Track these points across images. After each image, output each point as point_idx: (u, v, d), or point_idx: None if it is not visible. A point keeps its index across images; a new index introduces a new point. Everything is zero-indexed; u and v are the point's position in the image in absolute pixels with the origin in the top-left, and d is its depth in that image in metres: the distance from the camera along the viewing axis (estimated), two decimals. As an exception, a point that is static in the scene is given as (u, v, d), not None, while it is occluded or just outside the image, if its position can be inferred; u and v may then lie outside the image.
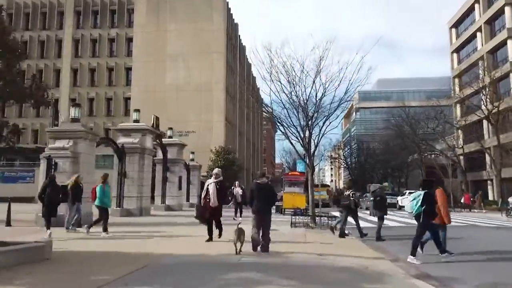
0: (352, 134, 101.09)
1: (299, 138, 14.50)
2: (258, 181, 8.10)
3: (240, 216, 15.88)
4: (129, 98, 42.40)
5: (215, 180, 9.29)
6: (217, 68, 41.66)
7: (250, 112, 61.36)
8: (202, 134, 40.35)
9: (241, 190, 16.94)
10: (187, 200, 29.04)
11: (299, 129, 14.58)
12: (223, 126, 41.62)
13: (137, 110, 19.73)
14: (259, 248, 7.69)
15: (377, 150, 71.87)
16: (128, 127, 19.25)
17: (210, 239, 9.34)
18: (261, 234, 7.80)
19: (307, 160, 14.72)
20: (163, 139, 23.77)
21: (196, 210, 10.65)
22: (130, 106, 39.81)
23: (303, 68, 13.47)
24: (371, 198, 12.16)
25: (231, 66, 46.32)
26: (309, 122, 13.99)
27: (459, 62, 49.12)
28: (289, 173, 23.14)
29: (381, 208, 11.72)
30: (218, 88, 41.79)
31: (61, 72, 45.04)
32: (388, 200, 40.43)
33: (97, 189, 10.94)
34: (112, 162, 18.59)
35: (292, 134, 14.62)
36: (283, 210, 22.07)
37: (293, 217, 13.68)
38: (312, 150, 14.44)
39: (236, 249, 7.31)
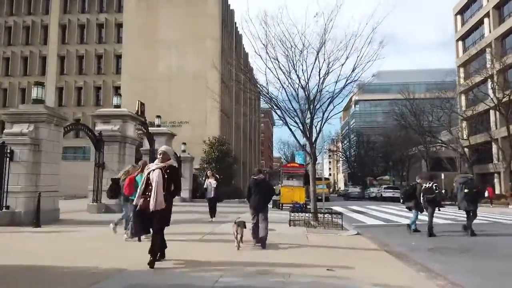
0: (351, 127, 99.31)
1: (299, 124, 12.52)
2: (255, 177, 8.22)
3: (214, 216, 12.99)
4: (119, 87, 40.22)
5: (162, 165, 5.82)
6: (212, 55, 39.42)
7: (247, 104, 59.31)
8: (196, 125, 38.33)
9: (215, 182, 13.01)
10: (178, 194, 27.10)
11: (299, 113, 12.63)
12: (218, 116, 39.56)
13: (119, 95, 17.70)
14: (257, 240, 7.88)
15: (378, 143, 70.17)
16: (107, 113, 17.21)
17: (152, 262, 5.65)
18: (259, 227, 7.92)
19: (308, 149, 12.76)
20: (150, 128, 21.77)
21: (134, 218, 6.48)
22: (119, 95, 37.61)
23: (305, 38, 11.43)
24: (466, 190, 10.38)
25: (227, 55, 44.13)
26: (311, 105, 11.98)
27: (465, 50, 47.11)
28: (288, 165, 21.20)
29: (474, 201, 10.59)
30: (213, 76, 39.58)
31: (47, 59, 42.74)
32: (390, 194, 39.13)
33: (137, 179, 8.00)
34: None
35: (291, 119, 12.63)
36: (280, 205, 20.20)
37: (292, 213, 11.77)
38: (314, 137, 12.47)
39: (237, 243, 7.35)
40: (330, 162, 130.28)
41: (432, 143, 42.28)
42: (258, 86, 12.64)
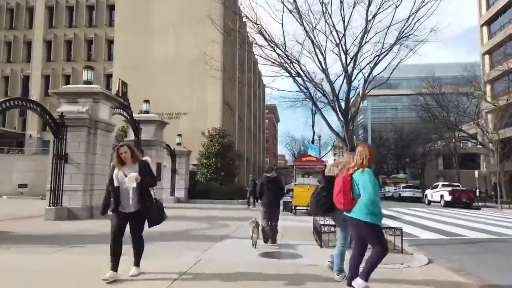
0: (359, 122, 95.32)
1: (328, 93, 8.65)
2: (268, 175, 8.04)
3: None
4: (111, 75, 36.46)
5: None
6: (213, 38, 35.53)
7: (251, 96, 55.47)
8: (195, 117, 34.49)
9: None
10: (172, 194, 23.33)
11: (324, 87, 8.81)
12: (219, 107, 35.73)
13: (89, 68, 13.87)
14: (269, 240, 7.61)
15: (389, 139, 66.25)
16: (73, 90, 13.38)
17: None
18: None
19: (342, 131, 8.91)
20: (136, 115, 17.99)
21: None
22: (112, 85, 33.90)
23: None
24: None
25: (230, 41, 40.24)
26: (349, 64, 8.13)
27: (490, 36, 42.97)
28: (303, 158, 17.24)
29: None
30: (214, 63, 35.70)
31: (33, 44, 38.99)
32: (410, 194, 35.17)
33: None
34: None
35: (317, 89, 8.80)
36: (293, 208, 16.37)
37: (319, 223, 7.87)
38: (352, 112, 8.66)
39: (253, 242, 7.11)
40: (335, 160, 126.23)
41: (460, 138, 38.14)
42: (272, 43, 8.74)
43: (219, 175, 26.01)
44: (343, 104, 8.88)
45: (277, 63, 9.05)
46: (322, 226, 7.60)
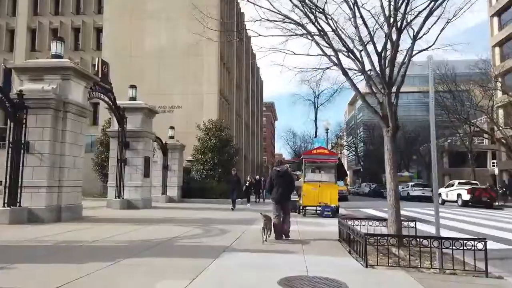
0: (358, 120, 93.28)
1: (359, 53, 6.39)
2: (277, 169, 7.95)
3: None
4: (100, 66, 33.90)
5: None
6: (209, 28, 33.16)
7: (249, 90, 53.14)
8: (190, 110, 32.10)
9: None
10: (163, 192, 20.97)
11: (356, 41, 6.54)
12: (216, 100, 33.36)
13: (59, 39, 11.47)
14: (283, 236, 7.56)
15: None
16: (38, 65, 10.98)
17: None
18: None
19: (383, 103, 6.66)
20: (120, 102, 15.62)
21: None
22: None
23: None
24: None
25: (228, 32, 37.83)
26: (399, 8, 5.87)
27: (501, 28, 40.87)
28: (313, 151, 14.91)
29: None
30: (210, 52, 33.39)
31: (16, 33, 36.41)
32: (420, 193, 32.96)
33: None
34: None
35: (347, 49, 6.55)
36: (302, 209, 14.10)
37: (346, 228, 5.65)
38: (400, 75, 6.43)
39: (263, 237, 6.99)
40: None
41: (473, 133, 35.94)
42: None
43: (216, 172, 23.66)
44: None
45: (289, 19, 6.69)
46: (367, 238, 5.25)
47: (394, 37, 6.16)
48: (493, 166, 44.55)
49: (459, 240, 5.00)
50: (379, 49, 6.31)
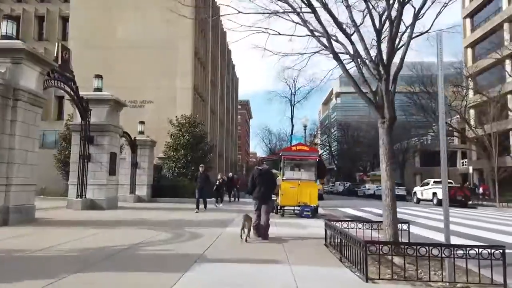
0: (332, 120, 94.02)
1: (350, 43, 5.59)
2: (259, 168, 7.89)
3: None
4: (66, 57, 31.92)
5: None
6: (183, 20, 31.87)
7: (224, 87, 52.00)
8: (163, 106, 30.67)
9: None
10: (132, 191, 19.67)
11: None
12: (190, 95, 32.12)
13: (10, 18, 10.12)
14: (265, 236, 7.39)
15: (363, 137, 64.68)
16: (-17, 45, 9.64)
17: None
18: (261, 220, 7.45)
19: (379, 90, 5.92)
20: (84, 93, 14.28)
21: None
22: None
23: None
24: None
25: (202, 25, 36.62)
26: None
27: (473, 29, 41.65)
28: (292, 147, 14.10)
29: None
30: (185, 45, 32.15)
31: (-27, 19, 33.82)
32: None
33: None
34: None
35: (340, 29, 5.73)
36: (279, 209, 13.31)
37: (337, 233, 4.86)
38: (400, 58, 5.70)
39: (242, 236, 6.95)
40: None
41: (447, 133, 36.43)
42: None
43: (189, 170, 22.48)
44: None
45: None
46: (368, 246, 4.43)
47: (394, 14, 5.39)
48: (463, 165, 45.48)
49: (474, 248, 4.27)
50: (377, 26, 5.52)
